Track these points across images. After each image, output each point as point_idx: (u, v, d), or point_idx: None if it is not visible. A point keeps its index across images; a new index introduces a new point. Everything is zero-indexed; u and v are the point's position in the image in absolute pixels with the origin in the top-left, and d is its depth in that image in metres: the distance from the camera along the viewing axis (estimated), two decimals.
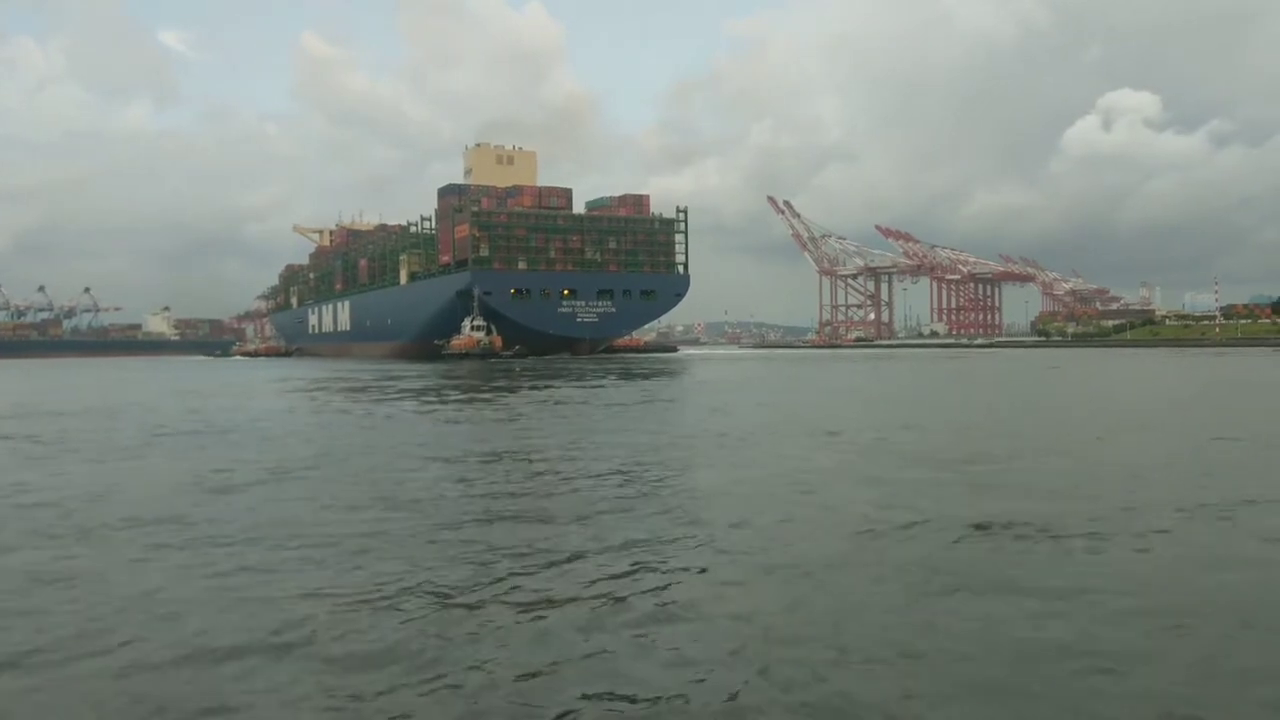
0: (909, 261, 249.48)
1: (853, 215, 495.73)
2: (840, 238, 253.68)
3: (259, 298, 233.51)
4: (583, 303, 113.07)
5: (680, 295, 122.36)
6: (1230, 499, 11.13)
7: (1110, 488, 12.42)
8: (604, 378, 48.75)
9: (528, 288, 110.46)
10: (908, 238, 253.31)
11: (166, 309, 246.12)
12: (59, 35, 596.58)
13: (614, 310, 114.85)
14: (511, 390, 38.45)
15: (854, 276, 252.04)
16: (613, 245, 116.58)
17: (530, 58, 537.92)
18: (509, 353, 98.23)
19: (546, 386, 40.58)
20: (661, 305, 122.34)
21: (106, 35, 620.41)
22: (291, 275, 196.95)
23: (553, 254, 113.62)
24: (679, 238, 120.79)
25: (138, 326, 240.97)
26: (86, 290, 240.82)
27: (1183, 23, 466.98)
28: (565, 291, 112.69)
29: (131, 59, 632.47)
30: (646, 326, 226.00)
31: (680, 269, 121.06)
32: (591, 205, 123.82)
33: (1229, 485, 12.27)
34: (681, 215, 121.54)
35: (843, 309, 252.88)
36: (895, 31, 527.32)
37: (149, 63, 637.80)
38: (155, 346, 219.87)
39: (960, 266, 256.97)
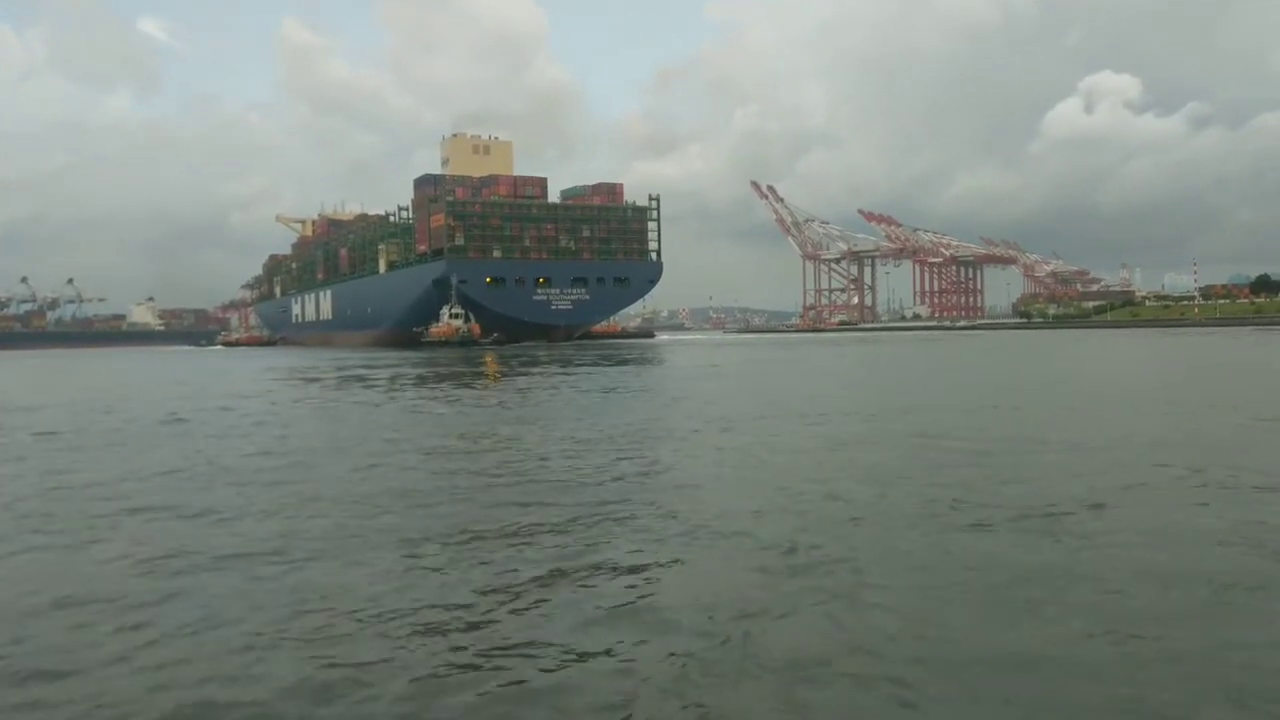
0: (891, 245, 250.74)
1: (836, 199, 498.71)
2: (823, 222, 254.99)
3: (244, 287, 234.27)
4: (557, 290, 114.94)
5: (653, 282, 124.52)
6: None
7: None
8: (566, 366, 50.16)
9: (502, 276, 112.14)
10: (890, 221, 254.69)
11: (151, 299, 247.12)
12: (38, 24, 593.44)
13: (588, 298, 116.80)
14: (485, 380, 39.94)
15: (837, 261, 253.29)
16: (586, 234, 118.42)
17: (513, 45, 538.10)
18: (487, 340, 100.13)
19: (523, 374, 41.89)
20: (635, 292, 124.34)
21: (86, 24, 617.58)
22: (275, 265, 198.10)
23: (527, 242, 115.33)
24: (652, 225, 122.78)
25: (122, 317, 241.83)
26: (70, 281, 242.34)
27: (1165, 6, 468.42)
28: (540, 280, 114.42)
29: (112, 48, 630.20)
30: (630, 313, 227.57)
31: (653, 256, 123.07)
32: (566, 194, 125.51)
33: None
34: (654, 203, 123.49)
35: (826, 293, 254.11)
36: (878, 15, 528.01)
37: (130, 52, 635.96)
38: (140, 337, 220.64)
39: (942, 250, 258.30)
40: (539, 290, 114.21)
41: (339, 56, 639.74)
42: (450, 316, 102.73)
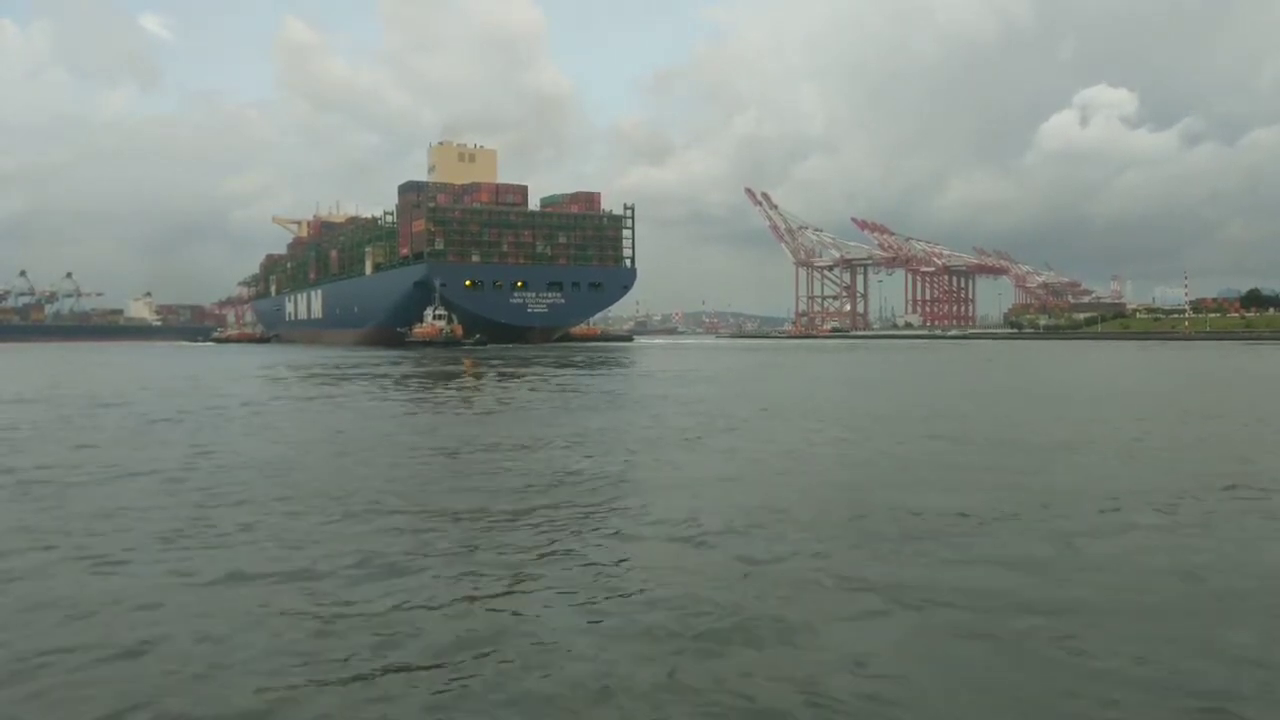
0: (884, 253, 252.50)
1: (830, 206, 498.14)
2: (816, 229, 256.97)
3: (241, 284, 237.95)
4: (533, 294, 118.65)
5: (627, 287, 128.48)
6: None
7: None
8: (547, 366, 52.55)
9: (480, 279, 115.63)
10: (883, 230, 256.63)
11: (148, 295, 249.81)
12: (42, 19, 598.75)
13: (563, 301, 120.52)
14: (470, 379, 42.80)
15: (830, 268, 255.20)
16: (563, 240, 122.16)
17: (510, 45, 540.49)
18: (470, 341, 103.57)
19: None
20: (609, 297, 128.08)
21: (89, 19, 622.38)
22: (271, 264, 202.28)
23: (505, 248, 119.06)
24: (626, 233, 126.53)
25: (119, 312, 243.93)
26: (68, 275, 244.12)
27: (1161, 20, 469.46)
28: (518, 284, 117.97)
29: (114, 43, 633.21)
30: (623, 315, 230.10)
31: (627, 262, 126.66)
32: (545, 202, 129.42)
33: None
34: (629, 212, 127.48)
35: (819, 300, 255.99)
36: (874, 23, 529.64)
37: (132, 47, 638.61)
38: (137, 332, 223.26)
39: (934, 259, 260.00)
40: (515, 294, 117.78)
41: (338, 54, 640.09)
42: (434, 318, 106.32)
